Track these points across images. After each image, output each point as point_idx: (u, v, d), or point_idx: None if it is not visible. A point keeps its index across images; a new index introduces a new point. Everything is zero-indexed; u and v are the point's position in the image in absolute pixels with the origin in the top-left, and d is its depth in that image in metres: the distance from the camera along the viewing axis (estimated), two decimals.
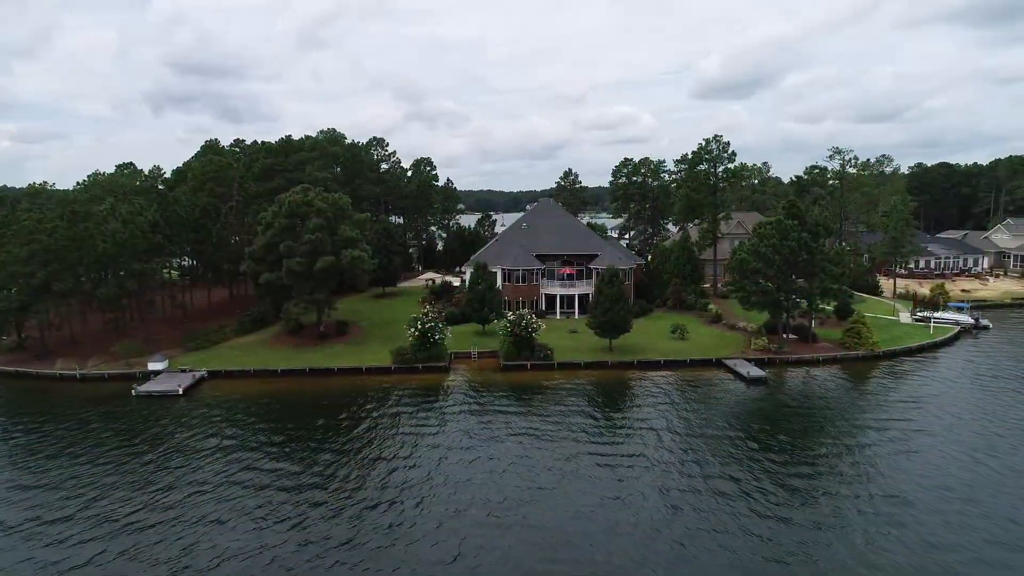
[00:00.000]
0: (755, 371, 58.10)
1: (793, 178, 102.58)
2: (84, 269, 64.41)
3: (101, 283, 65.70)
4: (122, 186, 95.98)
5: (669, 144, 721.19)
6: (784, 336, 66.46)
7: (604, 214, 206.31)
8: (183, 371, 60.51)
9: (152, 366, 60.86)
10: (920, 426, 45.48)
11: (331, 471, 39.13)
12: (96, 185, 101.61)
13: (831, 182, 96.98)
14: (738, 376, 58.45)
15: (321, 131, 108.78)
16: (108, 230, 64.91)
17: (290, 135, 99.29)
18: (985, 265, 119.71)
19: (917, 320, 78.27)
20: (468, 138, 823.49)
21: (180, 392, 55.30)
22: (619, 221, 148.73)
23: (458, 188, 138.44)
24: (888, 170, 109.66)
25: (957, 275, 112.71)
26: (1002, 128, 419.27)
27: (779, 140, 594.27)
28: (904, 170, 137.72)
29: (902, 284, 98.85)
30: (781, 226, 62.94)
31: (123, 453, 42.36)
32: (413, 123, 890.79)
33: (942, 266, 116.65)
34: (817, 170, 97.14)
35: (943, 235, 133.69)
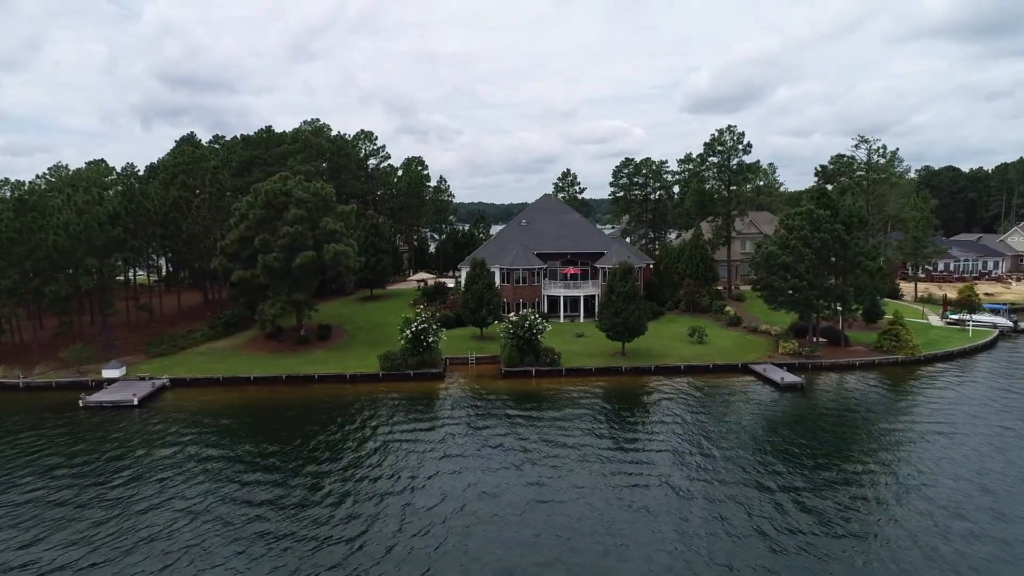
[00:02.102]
0: (789, 377, 51.68)
1: (818, 167, 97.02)
2: (32, 265, 57.23)
3: (53, 281, 58.35)
4: (87, 179, 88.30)
5: (660, 157, 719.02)
6: (815, 339, 60.23)
7: (597, 225, 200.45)
8: (142, 379, 53.47)
9: (107, 373, 53.71)
10: (999, 440, 39.17)
11: (302, 499, 32.18)
12: (60, 180, 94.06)
13: (858, 173, 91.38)
14: (769, 382, 52.06)
15: (304, 121, 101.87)
16: (61, 221, 57.76)
17: (270, 126, 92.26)
18: (1005, 268, 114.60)
19: (950, 323, 72.47)
20: (459, 152, 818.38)
21: (135, 402, 48.21)
22: (616, 229, 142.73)
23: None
24: (898, 171, 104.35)
25: (977, 278, 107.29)
26: (987, 142, 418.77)
27: (768, 154, 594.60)
28: (911, 174, 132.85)
29: (922, 288, 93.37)
30: (812, 216, 56.85)
31: (58, 471, 35.26)
32: (404, 137, 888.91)
33: (961, 269, 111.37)
34: (844, 158, 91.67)
35: (957, 238, 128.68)
